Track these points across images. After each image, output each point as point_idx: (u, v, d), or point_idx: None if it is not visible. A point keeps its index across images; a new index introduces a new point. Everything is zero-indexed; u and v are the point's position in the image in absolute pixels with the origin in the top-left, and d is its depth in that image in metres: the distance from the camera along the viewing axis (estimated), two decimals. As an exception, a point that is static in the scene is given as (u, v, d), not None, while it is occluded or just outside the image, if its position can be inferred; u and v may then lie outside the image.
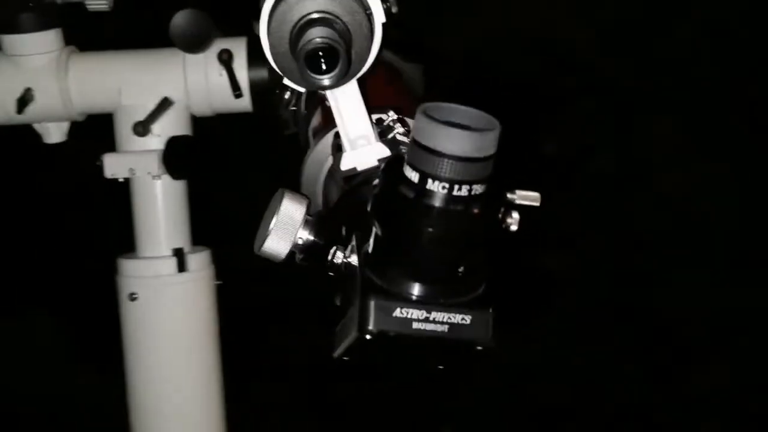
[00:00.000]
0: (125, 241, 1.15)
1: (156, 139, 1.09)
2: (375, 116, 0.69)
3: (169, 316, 1.10)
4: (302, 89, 0.57)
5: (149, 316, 1.10)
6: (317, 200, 0.73)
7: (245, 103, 1.11)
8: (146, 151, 1.08)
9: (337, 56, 0.53)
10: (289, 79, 0.56)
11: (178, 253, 1.10)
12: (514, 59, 2.32)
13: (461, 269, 0.53)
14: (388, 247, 0.54)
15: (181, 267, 1.10)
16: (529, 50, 2.34)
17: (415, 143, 0.50)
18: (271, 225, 0.65)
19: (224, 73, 1.07)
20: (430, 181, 0.50)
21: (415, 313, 0.52)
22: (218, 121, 1.17)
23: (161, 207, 1.11)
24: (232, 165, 1.84)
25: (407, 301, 0.53)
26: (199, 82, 1.09)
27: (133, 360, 1.12)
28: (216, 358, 1.15)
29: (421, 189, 0.50)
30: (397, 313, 0.52)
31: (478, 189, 0.50)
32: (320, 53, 0.53)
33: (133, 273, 1.10)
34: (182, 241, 1.12)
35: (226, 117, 1.16)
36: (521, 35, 2.32)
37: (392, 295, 0.53)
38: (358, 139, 0.64)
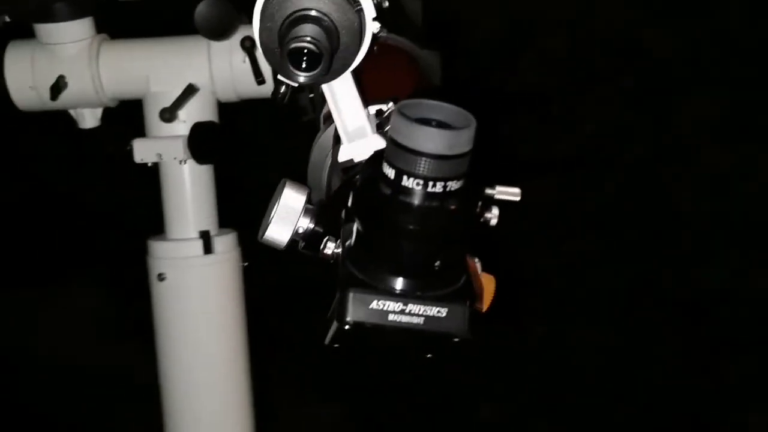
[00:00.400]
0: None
1: (183, 125, 1.12)
2: (375, 107, 0.71)
3: (196, 296, 1.14)
4: (294, 84, 0.59)
5: (177, 296, 1.14)
6: (322, 188, 0.75)
7: (269, 89, 1.13)
8: (173, 137, 1.12)
9: (319, 57, 0.54)
10: (281, 74, 0.58)
11: (205, 236, 1.14)
12: (548, 38, 2.29)
13: (438, 263, 0.54)
14: (367, 241, 0.55)
15: (208, 249, 1.13)
16: (562, 28, 2.31)
17: (392, 141, 0.52)
18: (272, 214, 0.67)
19: (248, 60, 1.09)
20: (405, 177, 0.51)
21: (391, 305, 0.54)
22: (245, 107, 1.20)
23: (188, 191, 1.14)
24: (260, 150, 1.87)
25: (384, 294, 0.54)
26: (223, 68, 1.11)
27: (162, 338, 1.16)
28: (243, 338, 1.18)
29: (397, 185, 0.52)
30: (374, 305, 0.54)
31: (453, 185, 0.52)
32: (304, 51, 0.54)
33: (161, 254, 1.14)
34: (209, 223, 1.16)
35: (253, 102, 1.19)
36: (554, 15, 2.29)
37: (370, 287, 0.54)
38: (355, 131, 0.66)
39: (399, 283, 0.55)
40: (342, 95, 0.65)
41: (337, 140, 0.69)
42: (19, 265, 2.22)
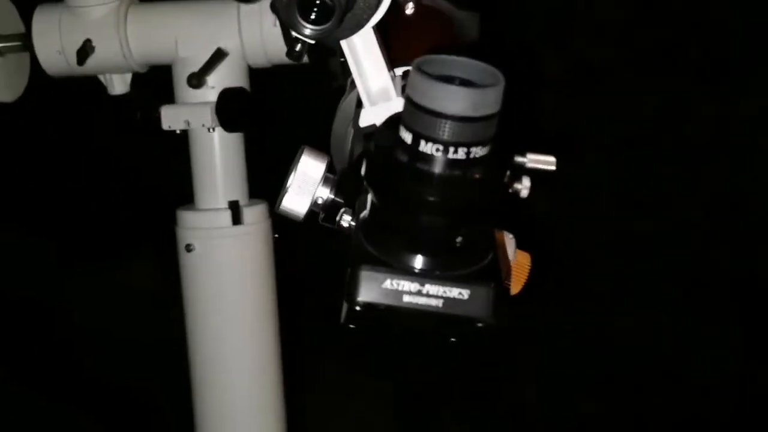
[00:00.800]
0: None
1: (211, 91, 1.08)
2: (401, 69, 0.65)
3: (224, 268, 1.11)
4: (311, 41, 0.54)
5: (204, 267, 1.11)
6: (345, 155, 0.71)
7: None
8: (201, 104, 1.08)
9: (331, 10, 0.49)
10: (288, 25, 0.53)
11: (234, 206, 1.10)
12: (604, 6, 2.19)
13: (460, 239, 0.49)
14: (382, 213, 0.50)
15: (236, 220, 1.10)
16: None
17: (408, 101, 0.46)
18: (289, 182, 0.63)
19: (279, 23, 1.05)
20: (423, 142, 0.46)
21: (407, 285, 0.49)
22: (278, 72, 1.16)
23: (217, 159, 1.11)
24: (294, 117, 1.83)
25: (399, 272, 0.49)
26: (253, 32, 1.07)
27: (190, 310, 1.13)
28: (272, 311, 1.15)
29: (414, 151, 0.46)
30: (387, 284, 0.49)
31: (478, 152, 0.46)
32: (316, 2, 0.49)
33: (189, 224, 1.11)
34: (238, 194, 1.12)
35: (286, 68, 1.14)
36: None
37: (384, 264, 0.49)
38: (377, 93, 0.61)
39: (416, 261, 0.50)
40: (363, 53, 0.60)
41: (359, 104, 0.64)
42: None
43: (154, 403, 2.19)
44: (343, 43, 0.59)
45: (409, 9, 0.91)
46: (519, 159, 0.52)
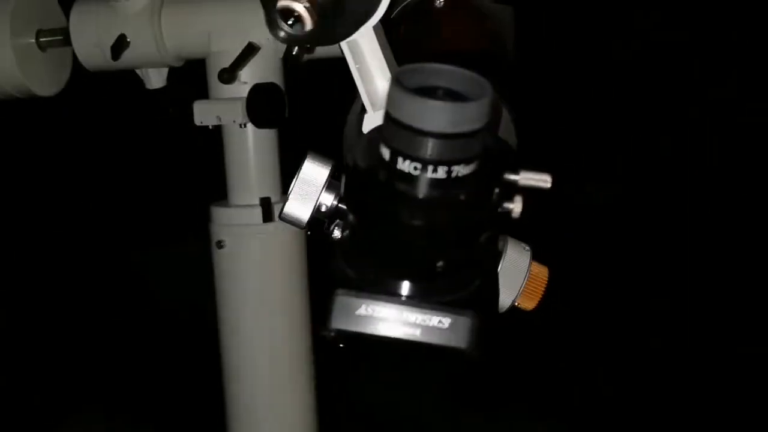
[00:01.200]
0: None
1: (244, 87, 1.07)
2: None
3: (254, 265, 1.10)
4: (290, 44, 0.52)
5: (235, 264, 1.10)
6: None
7: (335, 49, 1.05)
8: (232, 99, 1.07)
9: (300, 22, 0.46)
10: (270, 31, 0.50)
11: (265, 203, 1.09)
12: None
13: (441, 264, 0.46)
14: (361, 234, 0.47)
15: (267, 216, 1.09)
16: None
17: (386, 114, 0.43)
18: (291, 188, 0.61)
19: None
20: (400, 160, 0.42)
21: (383, 312, 0.46)
22: (312, 67, 1.14)
23: (248, 155, 1.10)
24: (330, 113, 1.81)
25: (376, 298, 0.46)
26: (286, 27, 1.05)
27: (222, 307, 1.12)
28: (303, 307, 1.14)
29: (392, 169, 0.43)
30: (363, 311, 0.46)
31: (460, 170, 0.42)
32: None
33: (221, 221, 1.10)
34: (271, 190, 1.11)
35: (320, 63, 1.12)
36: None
37: (360, 289, 0.47)
38: (382, 97, 0.58)
39: (396, 286, 0.47)
40: (364, 54, 0.57)
41: (363, 108, 0.61)
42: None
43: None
44: (342, 44, 0.56)
45: (439, 2, 0.87)
46: (511, 177, 0.48)
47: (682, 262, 2.24)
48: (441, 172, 0.42)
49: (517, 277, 0.62)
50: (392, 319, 0.46)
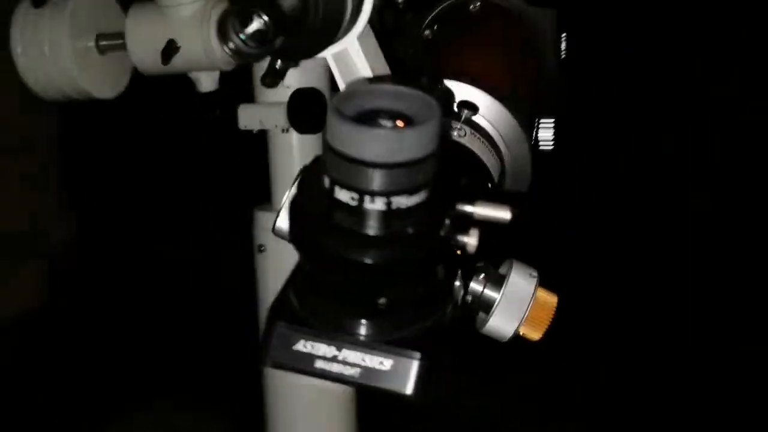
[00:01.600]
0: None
1: (287, 91, 1.06)
2: (454, 83, 0.60)
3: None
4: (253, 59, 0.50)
5: (274, 269, 1.10)
6: None
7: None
8: (275, 104, 1.07)
9: (265, 34, 0.45)
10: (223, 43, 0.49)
11: (305, 208, 1.08)
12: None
13: (383, 301, 0.43)
14: (301, 266, 0.46)
15: (308, 222, 1.08)
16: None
17: (324, 141, 0.40)
18: (283, 202, 0.60)
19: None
20: (337, 188, 0.39)
21: (321, 349, 0.44)
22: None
23: (292, 160, 1.09)
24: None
25: (315, 334, 0.44)
26: (328, 31, 1.04)
27: (263, 311, 1.13)
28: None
29: (330, 199, 0.40)
30: (300, 346, 0.44)
31: (402, 201, 0.39)
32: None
33: (262, 225, 1.11)
34: (313, 196, 1.10)
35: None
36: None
37: (300, 323, 0.44)
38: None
39: (334, 322, 0.44)
40: (352, 65, 0.55)
41: None
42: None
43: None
44: (326, 55, 0.55)
45: (474, 7, 0.85)
46: (465, 208, 0.44)
47: (685, 260, 2.14)
48: (379, 204, 0.39)
49: (521, 304, 0.59)
50: (330, 357, 0.44)
